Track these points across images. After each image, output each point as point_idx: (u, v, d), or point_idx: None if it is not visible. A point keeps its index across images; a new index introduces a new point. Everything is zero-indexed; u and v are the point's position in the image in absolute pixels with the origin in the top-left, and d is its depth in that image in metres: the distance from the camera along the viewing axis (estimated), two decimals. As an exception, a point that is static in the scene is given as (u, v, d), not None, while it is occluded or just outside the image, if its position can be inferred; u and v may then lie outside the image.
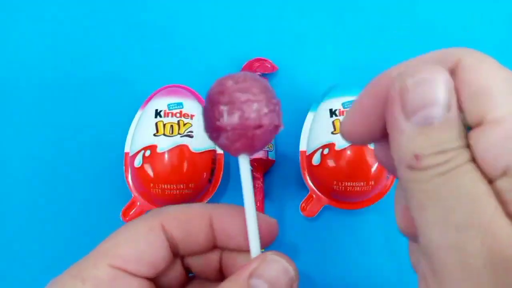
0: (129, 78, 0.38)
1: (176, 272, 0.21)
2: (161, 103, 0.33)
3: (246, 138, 0.17)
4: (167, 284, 0.21)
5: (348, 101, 0.33)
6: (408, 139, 0.14)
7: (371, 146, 0.32)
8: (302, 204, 0.34)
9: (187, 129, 0.32)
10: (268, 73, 0.38)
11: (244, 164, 0.18)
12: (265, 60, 0.37)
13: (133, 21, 0.40)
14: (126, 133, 0.34)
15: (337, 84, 0.35)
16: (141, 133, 0.33)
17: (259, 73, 0.37)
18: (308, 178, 0.34)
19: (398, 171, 0.15)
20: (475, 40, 0.40)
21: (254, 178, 0.35)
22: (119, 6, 0.40)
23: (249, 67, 0.37)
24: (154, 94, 0.34)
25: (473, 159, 0.14)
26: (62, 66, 0.38)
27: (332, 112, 0.33)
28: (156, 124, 0.32)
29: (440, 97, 0.14)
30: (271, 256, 0.19)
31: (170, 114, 0.33)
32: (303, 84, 0.39)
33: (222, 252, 0.22)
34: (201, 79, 0.38)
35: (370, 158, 0.32)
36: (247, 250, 0.20)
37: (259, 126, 0.17)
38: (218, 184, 0.34)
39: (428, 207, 0.13)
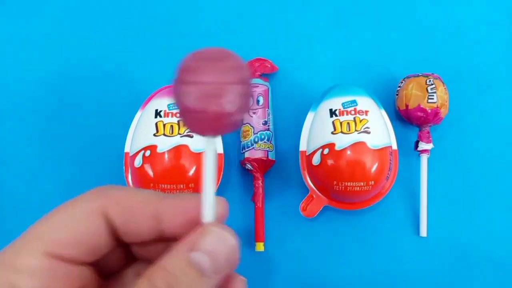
0: (129, 78, 0.38)
1: (119, 256, 0.20)
2: (161, 103, 0.33)
3: (209, 121, 0.16)
4: (109, 267, 0.20)
5: (348, 101, 0.33)
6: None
7: (371, 146, 0.32)
8: (302, 204, 0.34)
9: (187, 129, 0.32)
10: (268, 73, 0.38)
11: (209, 144, 0.18)
12: (265, 60, 0.37)
13: (133, 21, 0.40)
14: (126, 133, 0.34)
15: (337, 84, 0.35)
16: (141, 133, 0.33)
17: (259, 73, 0.37)
18: (308, 178, 0.34)
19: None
20: (475, 40, 0.40)
21: (254, 178, 0.35)
22: (119, 6, 0.40)
23: (249, 67, 0.37)
24: (154, 94, 0.34)
25: None
26: (62, 66, 0.38)
27: (332, 112, 0.33)
28: (156, 124, 0.32)
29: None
30: (209, 227, 0.18)
31: (170, 114, 0.33)
32: (303, 84, 0.39)
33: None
34: (201, 79, 0.38)
35: (370, 158, 0.32)
36: None
37: (223, 111, 0.16)
38: (218, 184, 0.34)
39: None
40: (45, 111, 0.37)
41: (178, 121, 0.32)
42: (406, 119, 0.36)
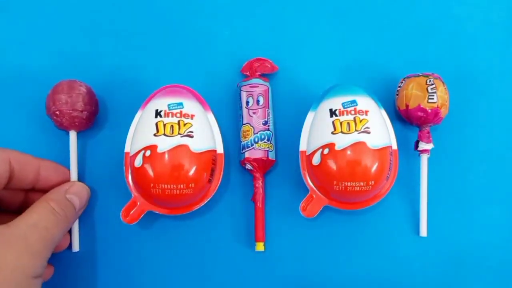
0: (129, 78, 0.38)
1: None
2: (161, 103, 0.33)
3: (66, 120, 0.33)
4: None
5: (348, 101, 0.33)
6: None
7: (371, 146, 0.32)
8: (302, 204, 0.34)
9: (187, 129, 0.32)
10: (268, 73, 0.38)
11: (72, 136, 0.35)
12: (265, 60, 0.37)
13: (133, 21, 0.40)
14: (126, 133, 0.34)
15: (337, 84, 0.35)
16: (141, 133, 0.33)
17: (259, 73, 0.37)
18: (308, 178, 0.34)
19: None
20: (475, 40, 0.40)
21: (254, 178, 0.35)
22: (119, 6, 0.40)
23: (249, 67, 0.37)
24: (154, 94, 0.34)
25: None
26: (62, 66, 0.38)
27: (332, 112, 0.33)
28: (156, 124, 0.32)
29: None
30: (75, 181, 0.34)
31: (170, 114, 0.33)
32: (303, 84, 0.39)
33: (30, 192, 0.33)
34: (201, 79, 0.38)
35: (370, 158, 0.32)
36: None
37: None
38: (218, 184, 0.34)
39: None
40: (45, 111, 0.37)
41: (178, 121, 0.32)
42: (406, 119, 0.36)
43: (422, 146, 0.35)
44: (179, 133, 0.32)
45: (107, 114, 0.37)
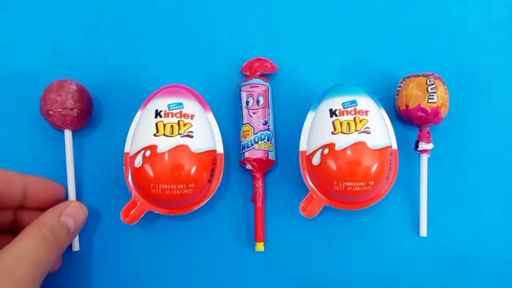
0: (129, 78, 0.38)
1: None
2: (161, 103, 0.33)
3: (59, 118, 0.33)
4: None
5: (348, 101, 0.33)
6: None
7: (371, 147, 0.32)
8: (302, 204, 0.34)
9: (187, 129, 0.32)
10: (268, 73, 0.38)
11: (67, 135, 0.34)
12: (265, 60, 0.37)
13: (133, 21, 0.40)
14: (126, 133, 0.34)
15: (337, 84, 0.35)
16: (141, 133, 0.33)
17: (259, 73, 0.37)
18: (308, 178, 0.34)
19: None
20: (475, 40, 0.40)
21: (254, 178, 0.35)
22: (119, 6, 0.40)
23: (249, 67, 0.37)
24: (154, 94, 0.34)
25: None
26: (62, 66, 0.38)
27: (332, 112, 0.33)
28: (156, 124, 0.32)
29: None
30: (72, 201, 0.32)
31: (170, 114, 0.33)
32: (303, 84, 0.39)
33: (19, 210, 0.31)
34: (201, 79, 0.38)
35: (370, 158, 0.32)
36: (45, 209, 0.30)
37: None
38: (218, 184, 0.34)
39: None
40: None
41: (178, 121, 0.32)
42: (406, 119, 0.36)
43: (422, 146, 0.35)
44: (179, 133, 0.32)
45: (107, 114, 0.37)
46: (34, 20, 0.39)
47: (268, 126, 0.36)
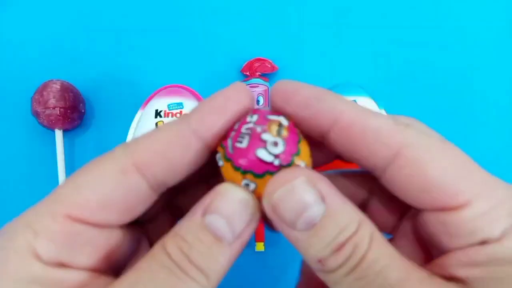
0: (129, 78, 0.38)
1: (156, 204, 0.16)
2: (161, 103, 0.33)
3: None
4: (146, 217, 0.17)
5: (348, 101, 0.33)
6: (304, 246, 0.15)
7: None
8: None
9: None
10: (268, 73, 0.38)
11: (58, 135, 0.34)
12: (265, 60, 0.37)
13: (133, 21, 0.40)
14: (126, 133, 0.34)
15: (337, 84, 0.35)
16: (141, 133, 0.33)
17: (259, 73, 0.37)
18: (308, 178, 0.34)
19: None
20: (475, 40, 0.40)
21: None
22: (119, 6, 0.40)
23: (249, 67, 0.37)
24: (154, 94, 0.34)
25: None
26: (62, 66, 0.38)
27: (332, 112, 0.33)
28: (157, 124, 0.32)
29: (307, 198, 0.14)
30: (225, 185, 0.15)
31: (170, 114, 0.33)
32: (303, 84, 0.39)
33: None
34: (201, 79, 0.38)
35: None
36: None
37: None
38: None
39: None
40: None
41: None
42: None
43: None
44: (179, 133, 0.32)
45: (107, 114, 0.37)
46: (35, 20, 0.39)
47: (268, 126, 0.35)
